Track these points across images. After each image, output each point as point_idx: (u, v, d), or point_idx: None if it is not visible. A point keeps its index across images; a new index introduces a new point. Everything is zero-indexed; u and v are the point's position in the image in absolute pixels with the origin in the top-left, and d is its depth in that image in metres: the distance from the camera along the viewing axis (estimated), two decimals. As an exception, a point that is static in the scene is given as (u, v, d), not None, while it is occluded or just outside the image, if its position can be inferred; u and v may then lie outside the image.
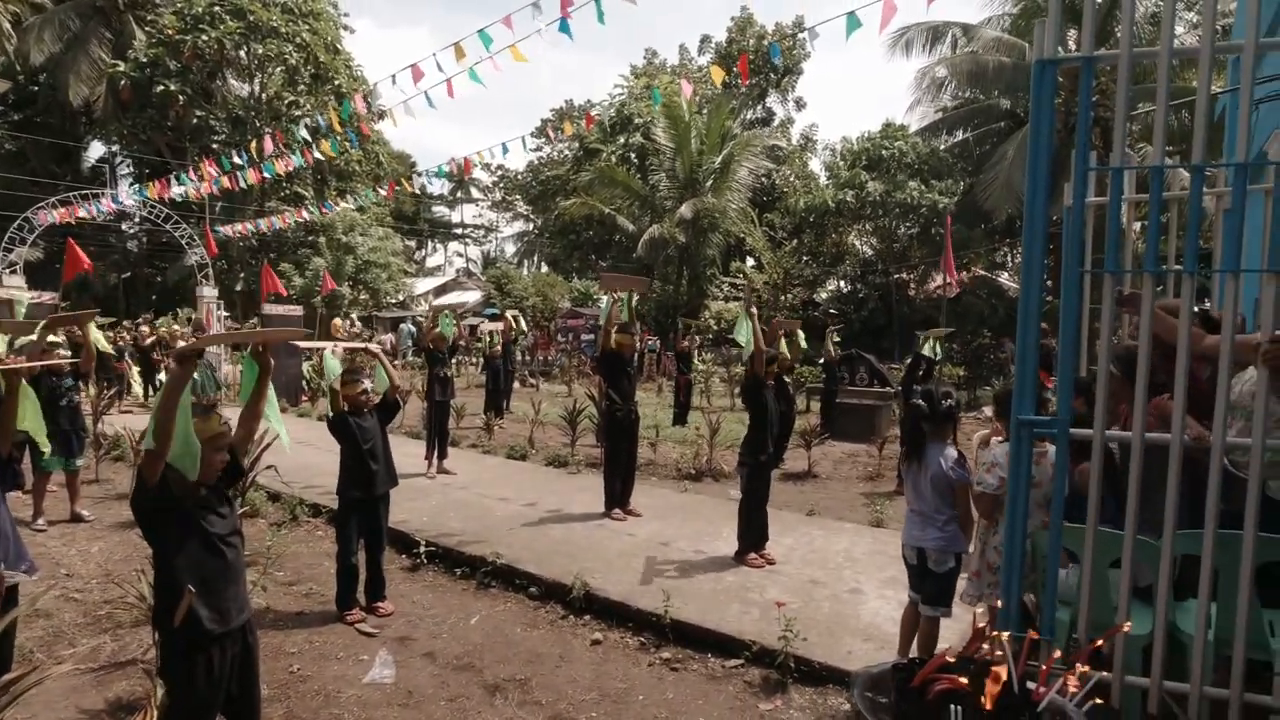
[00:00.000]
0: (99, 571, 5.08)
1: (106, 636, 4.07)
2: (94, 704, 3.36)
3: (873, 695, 1.78)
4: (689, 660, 3.85)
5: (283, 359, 14.10)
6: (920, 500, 3.38)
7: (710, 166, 24.97)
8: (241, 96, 26.87)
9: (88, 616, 4.33)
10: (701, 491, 7.63)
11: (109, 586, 4.75)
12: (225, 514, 2.52)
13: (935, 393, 3.36)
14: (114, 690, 3.48)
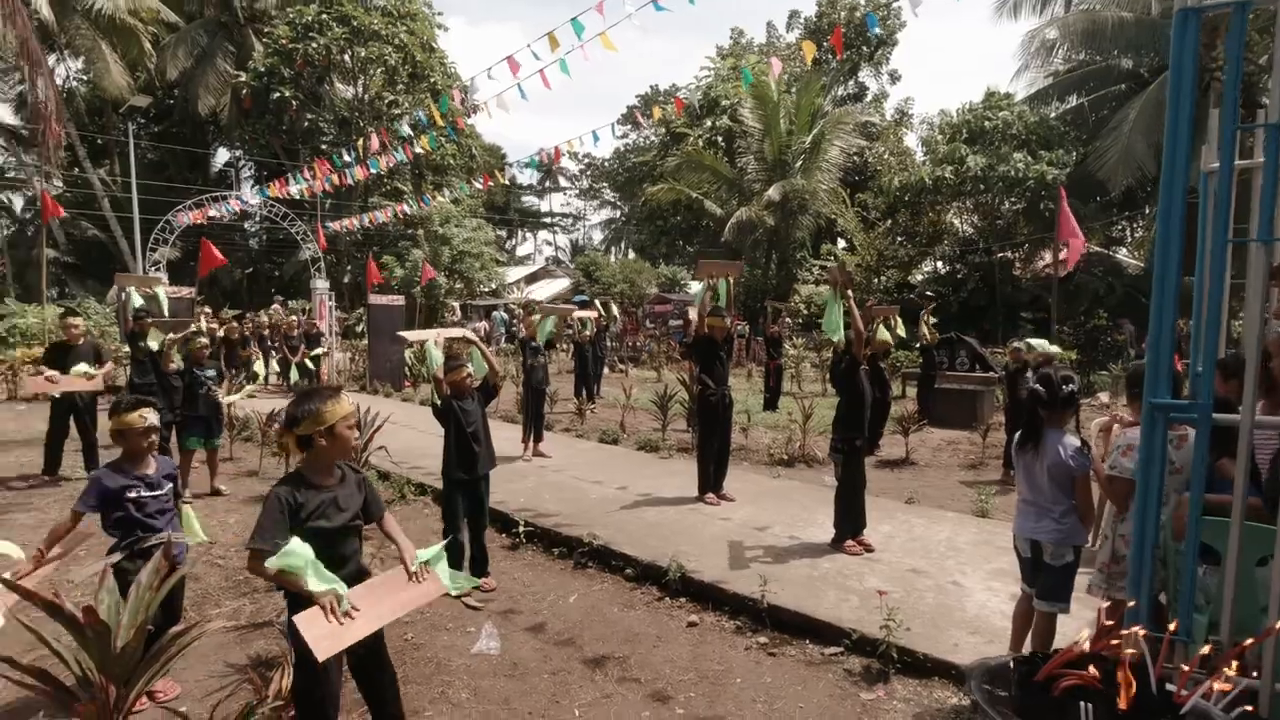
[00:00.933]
0: (236, 540, 5.55)
1: (245, 600, 4.46)
2: (238, 659, 3.69)
3: (991, 688, 1.72)
4: (786, 645, 3.83)
5: (385, 347, 14.90)
6: (1035, 490, 3.20)
7: (800, 147, 24.35)
8: (346, 99, 28.36)
9: (229, 581, 4.75)
10: (794, 477, 7.52)
11: (245, 555, 5.19)
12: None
13: (1055, 377, 3.17)
14: (254, 648, 3.81)
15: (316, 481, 2.55)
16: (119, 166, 27.11)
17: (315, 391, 2.64)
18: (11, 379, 12.67)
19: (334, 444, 2.57)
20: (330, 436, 2.55)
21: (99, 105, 27.12)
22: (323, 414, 2.53)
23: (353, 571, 2.59)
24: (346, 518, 2.57)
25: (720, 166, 26.11)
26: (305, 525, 2.45)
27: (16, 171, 29.36)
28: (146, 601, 1.97)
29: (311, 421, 2.51)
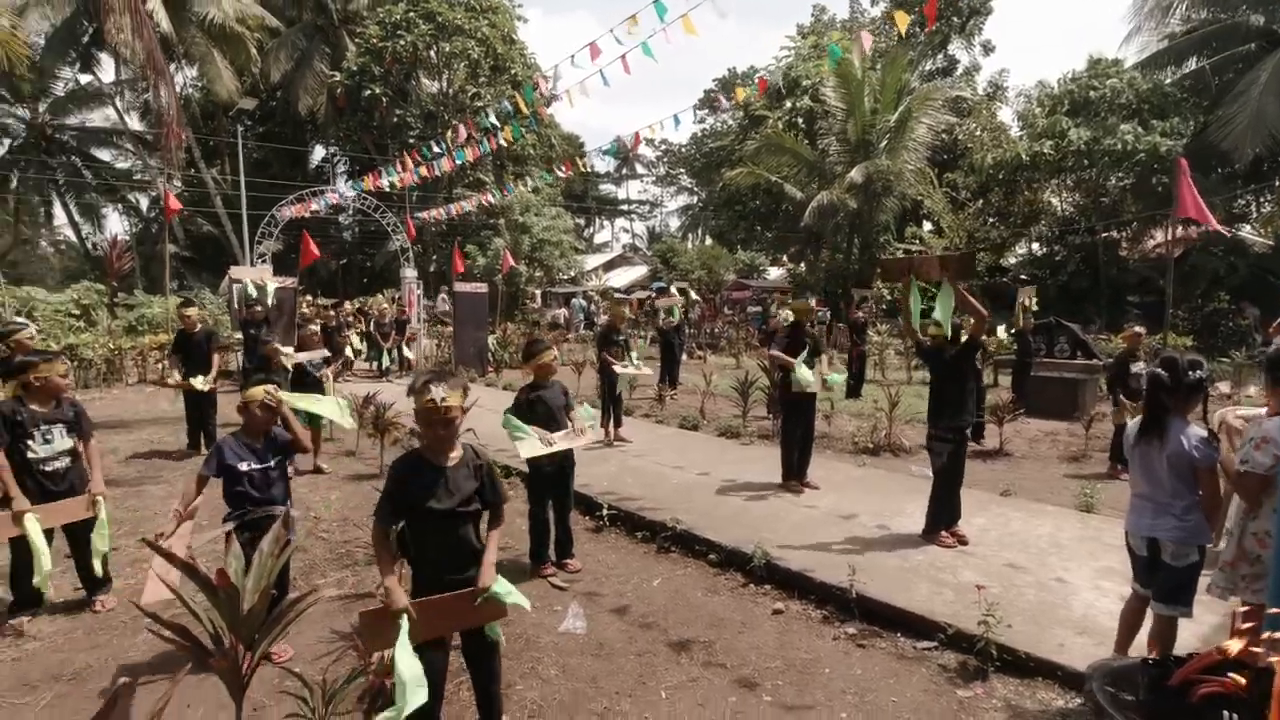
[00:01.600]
0: (338, 515, 5.87)
1: (348, 571, 4.71)
2: (342, 627, 3.91)
3: (1114, 690, 1.61)
4: (875, 638, 3.73)
5: (470, 333, 15.38)
6: (1153, 484, 2.98)
7: (884, 126, 23.40)
8: (431, 93, 29.29)
9: (333, 553, 5.04)
10: (880, 466, 7.31)
11: (346, 529, 5.50)
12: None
13: (1181, 360, 2.93)
14: (356, 617, 4.02)
15: (432, 460, 2.59)
16: (229, 166, 29.03)
17: (449, 370, 2.67)
18: (141, 364, 13.82)
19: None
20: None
21: (211, 110, 29.06)
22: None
23: (463, 558, 2.61)
24: (455, 502, 2.56)
25: (800, 149, 25.43)
26: (416, 506, 2.51)
27: (142, 174, 31.89)
28: (269, 568, 2.11)
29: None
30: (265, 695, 3.15)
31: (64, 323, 14.96)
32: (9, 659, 3.56)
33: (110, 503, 6.02)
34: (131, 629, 3.87)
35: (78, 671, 3.46)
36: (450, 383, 2.54)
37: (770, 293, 30.70)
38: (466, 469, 2.63)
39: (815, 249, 30.39)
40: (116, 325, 15.86)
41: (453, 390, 2.53)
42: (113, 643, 3.73)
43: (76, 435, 4.08)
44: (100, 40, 24.53)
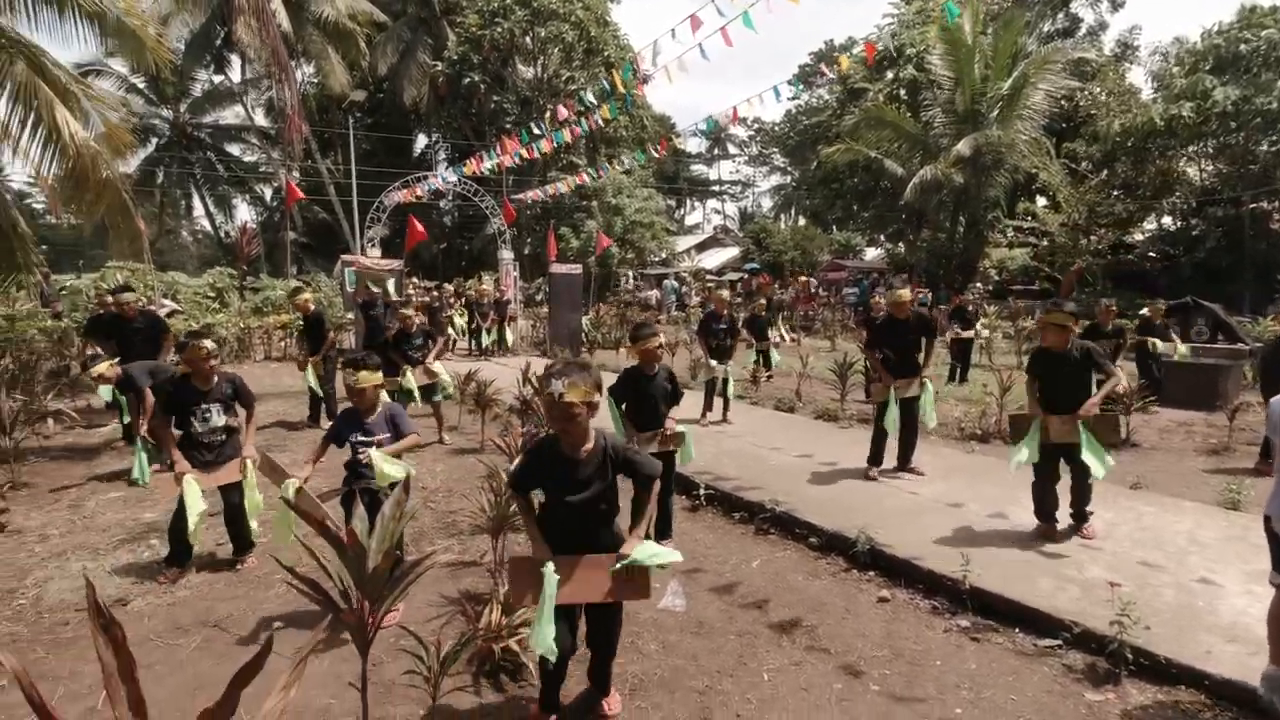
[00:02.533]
0: (444, 487, 6.14)
1: (454, 540, 4.91)
2: (450, 592, 4.08)
3: (1297, 702, 1.44)
4: (991, 632, 3.53)
5: (564, 313, 15.66)
6: None
7: (996, 93, 21.91)
8: (527, 79, 29.87)
9: (440, 522, 5.27)
10: (991, 454, 6.91)
11: (452, 499, 5.74)
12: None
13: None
14: (464, 583, 4.19)
15: (564, 451, 2.60)
16: (341, 156, 30.76)
17: (579, 363, 2.63)
18: (266, 341, 14.92)
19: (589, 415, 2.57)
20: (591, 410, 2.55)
21: (325, 103, 30.81)
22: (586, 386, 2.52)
23: (593, 544, 2.65)
24: (584, 496, 2.58)
25: (903, 121, 24.21)
26: (546, 493, 2.60)
27: (266, 166, 34.33)
28: (391, 530, 2.21)
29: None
30: (382, 653, 3.33)
31: (202, 304, 16.37)
32: (165, 604, 3.94)
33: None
34: (265, 583, 4.20)
35: (221, 619, 3.78)
36: (573, 377, 2.49)
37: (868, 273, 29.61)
38: (598, 462, 2.61)
39: (916, 228, 29.01)
40: (245, 306, 17.19)
41: (574, 385, 2.47)
42: (250, 594, 4.05)
43: (232, 412, 4.47)
44: (230, 42, 26.50)
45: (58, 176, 8.82)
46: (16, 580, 4.23)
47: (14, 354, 10.05)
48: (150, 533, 4.91)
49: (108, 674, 1.13)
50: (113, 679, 1.13)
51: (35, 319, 12.33)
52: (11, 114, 7.84)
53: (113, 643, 1.13)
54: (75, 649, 3.48)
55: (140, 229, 10.27)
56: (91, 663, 3.33)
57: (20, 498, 5.76)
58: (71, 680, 3.19)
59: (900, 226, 30.97)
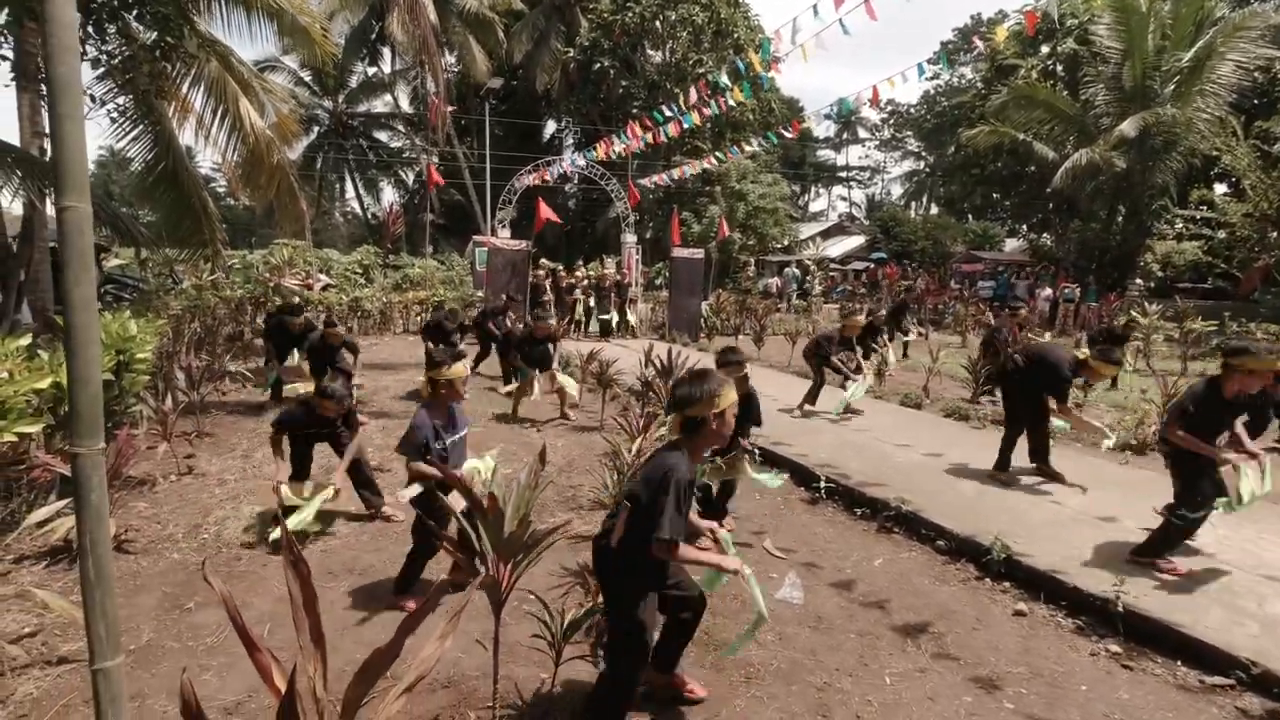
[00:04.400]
0: (564, 462, 6.35)
1: (573, 514, 5.07)
2: (569, 564, 4.21)
3: None
4: (1146, 660, 3.22)
5: (685, 299, 15.68)
6: None
7: (1174, 66, 19.54)
8: (655, 63, 29.95)
9: (560, 496, 5.45)
10: (1147, 467, 6.26)
11: (571, 475, 5.92)
12: None
13: None
14: (583, 556, 4.29)
15: (692, 466, 2.55)
16: (476, 141, 32.22)
17: (707, 373, 2.56)
18: (405, 315, 15.99)
19: (722, 428, 2.50)
20: (720, 421, 2.47)
21: (462, 91, 32.38)
22: (718, 397, 2.44)
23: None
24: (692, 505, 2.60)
25: (1058, 100, 22.13)
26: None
27: (410, 151, 36.68)
28: (526, 499, 2.31)
29: (706, 404, 2.44)
30: (507, 615, 3.49)
31: (351, 279, 17.78)
32: (317, 551, 4.34)
33: (385, 433, 7.01)
34: (405, 539, 4.52)
35: (365, 568, 4.12)
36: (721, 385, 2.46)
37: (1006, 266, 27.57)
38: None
39: (1065, 217, 26.59)
40: (387, 282, 18.49)
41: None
42: (391, 548, 4.38)
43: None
44: (384, 36, 28.38)
45: (238, 162, 9.86)
46: (201, 517, 4.80)
47: (201, 320, 11.36)
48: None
49: (295, 605, 1.26)
50: (299, 610, 1.26)
51: (218, 289, 13.87)
52: (205, 106, 8.82)
53: (299, 578, 1.26)
54: (246, 582, 3.91)
55: (303, 210, 11.29)
56: (261, 595, 3.74)
57: (204, 445, 6.52)
58: (244, 609, 3.60)
59: (1046, 216, 28.48)
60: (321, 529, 4.55)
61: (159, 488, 5.38)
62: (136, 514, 4.85)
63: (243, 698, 2.87)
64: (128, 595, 3.74)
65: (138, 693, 2.86)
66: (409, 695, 1.37)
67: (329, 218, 41.42)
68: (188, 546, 4.36)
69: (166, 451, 5.78)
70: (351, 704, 1.29)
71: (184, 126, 9.24)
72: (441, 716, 2.78)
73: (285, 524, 1.52)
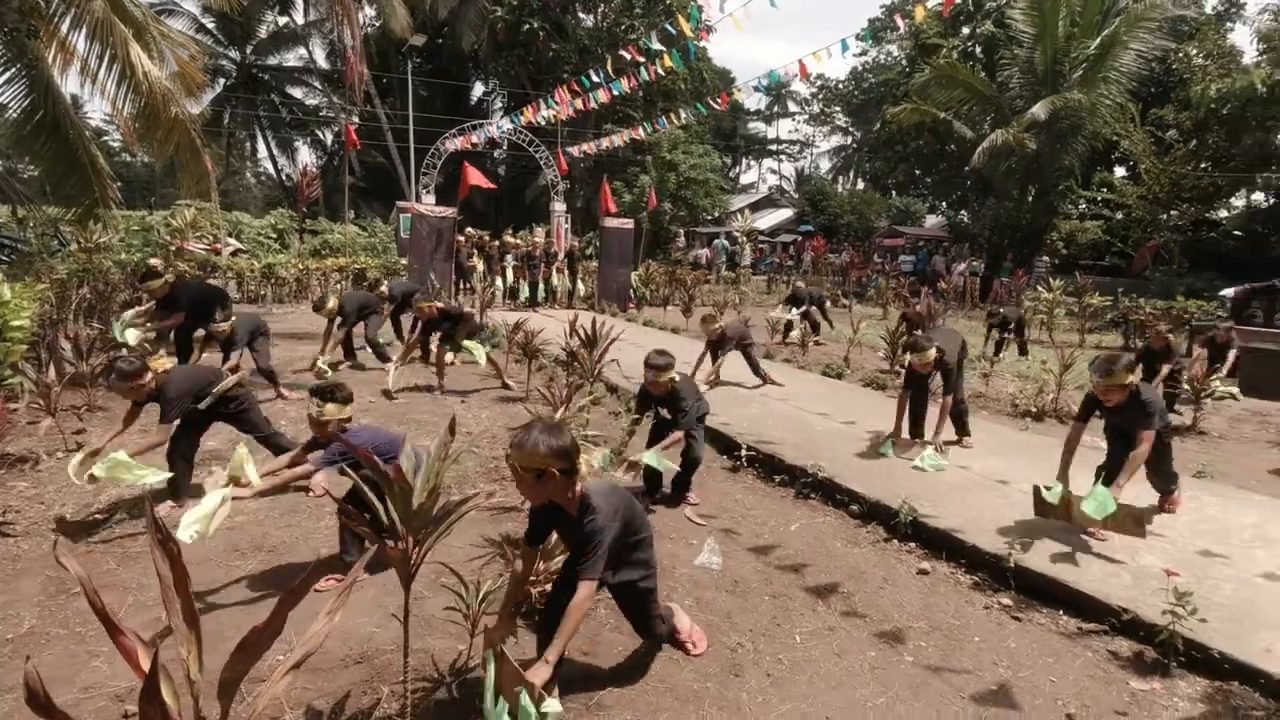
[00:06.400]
0: (488, 434, 6.26)
1: (497, 485, 5.02)
2: (490, 534, 4.18)
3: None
4: (1033, 612, 3.46)
5: (614, 269, 15.61)
6: None
7: (1082, 52, 20.48)
8: (587, 28, 29.30)
9: (483, 468, 5.38)
10: (1044, 433, 6.69)
11: (495, 445, 5.84)
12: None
13: None
14: (504, 527, 4.29)
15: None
16: (399, 102, 30.86)
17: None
18: (324, 283, 15.31)
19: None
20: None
21: (384, 47, 30.83)
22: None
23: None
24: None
25: (976, 81, 22.87)
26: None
27: (327, 110, 34.77)
28: (436, 470, 2.25)
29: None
30: (424, 588, 3.44)
31: (264, 244, 16.85)
32: (224, 529, 4.12)
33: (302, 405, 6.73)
34: (318, 515, 4.37)
35: (275, 545, 3.96)
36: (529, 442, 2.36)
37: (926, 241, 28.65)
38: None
39: (982, 196, 27.77)
40: (304, 248, 17.63)
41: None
42: (303, 524, 4.23)
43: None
44: (294, -19, 26.59)
45: (133, 114, 9.10)
46: (92, 496, 4.50)
47: (91, 285, 10.54)
48: (211, 459, 5.15)
49: (164, 585, 1.18)
50: (169, 591, 1.19)
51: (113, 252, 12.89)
52: (90, 50, 8.06)
53: (169, 557, 1.18)
54: (143, 563, 3.70)
55: (207, 168, 10.56)
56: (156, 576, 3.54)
57: (97, 420, 6.10)
58: (140, 591, 3.40)
59: (964, 193, 29.70)
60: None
61: (43, 465, 5.01)
62: (17, 494, 4.50)
63: (136, 684, 2.72)
64: (7, 580, 3.48)
65: (15, 684, 2.67)
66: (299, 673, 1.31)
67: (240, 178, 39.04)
68: (76, 527, 4.08)
69: (52, 427, 5.38)
70: (228, 685, 1.22)
71: (67, 72, 8.46)
72: (353, 692, 2.72)
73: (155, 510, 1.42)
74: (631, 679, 2.84)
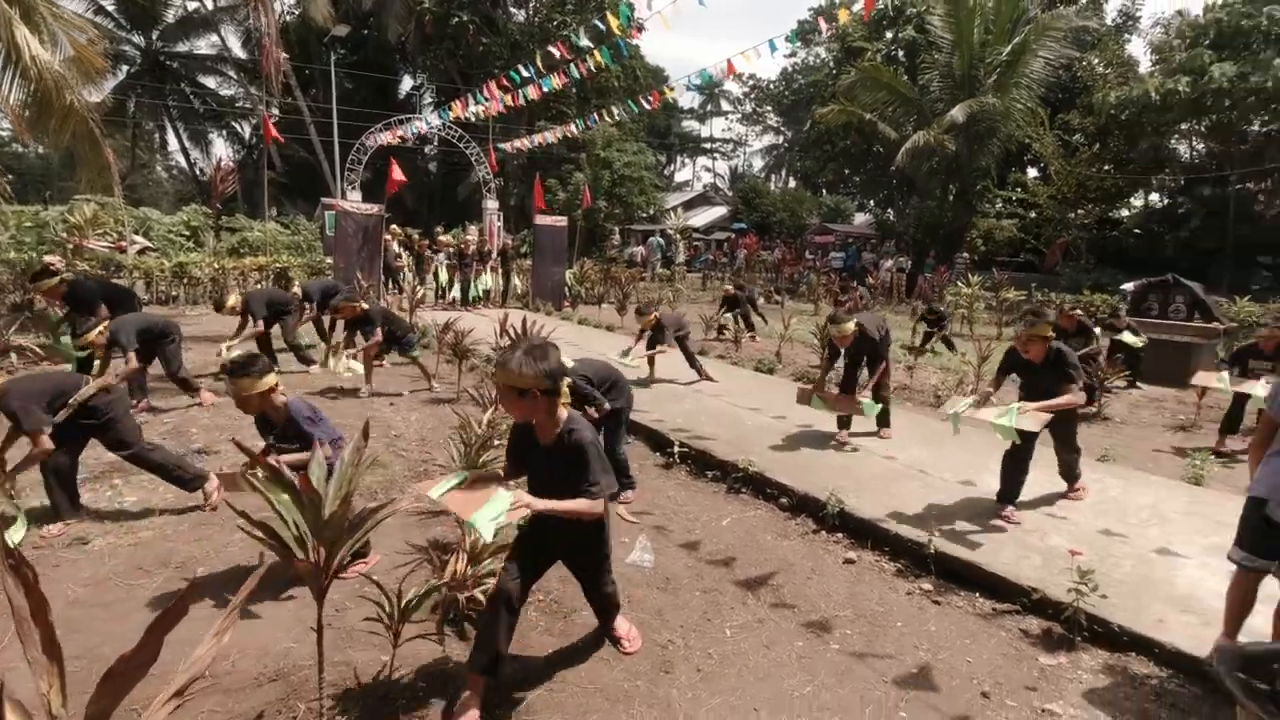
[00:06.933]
0: (417, 436, 6.09)
1: (425, 489, 4.88)
2: (417, 540, 4.06)
3: (1247, 678, 1.45)
4: (952, 595, 3.59)
5: (548, 267, 15.46)
6: None
7: (995, 59, 21.46)
8: (519, 22, 28.89)
9: (411, 471, 5.22)
10: (966, 422, 6.93)
11: (425, 448, 5.69)
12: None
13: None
14: (433, 532, 4.17)
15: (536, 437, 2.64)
16: (322, 94, 29.72)
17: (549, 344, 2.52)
18: (243, 283, 14.60)
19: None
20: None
21: (305, 36, 29.61)
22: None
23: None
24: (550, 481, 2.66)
25: (899, 84, 23.70)
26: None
27: (244, 101, 33.15)
28: (349, 476, 2.15)
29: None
30: (346, 599, 3.31)
31: (176, 242, 15.94)
32: (126, 545, 3.88)
33: (214, 411, 6.43)
34: (229, 527, 4.14)
35: (183, 561, 3.74)
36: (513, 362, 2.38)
37: (855, 239, 29.47)
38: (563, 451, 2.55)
39: (906, 194, 28.81)
40: (221, 247, 16.76)
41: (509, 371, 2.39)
42: (213, 538, 4.00)
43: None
44: (205, -36, 25.22)
45: (20, 101, 8.44)
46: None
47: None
48: (114, 472, 4.82)
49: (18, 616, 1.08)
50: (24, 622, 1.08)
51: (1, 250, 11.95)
52: (-34, 30, 7.44)
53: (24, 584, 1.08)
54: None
55: (109, 160, 9.91)
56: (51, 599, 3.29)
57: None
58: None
59: (890, 192, 30.74)
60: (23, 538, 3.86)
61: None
62: (-115, 515, 4.10)
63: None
64: None
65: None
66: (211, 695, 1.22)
67: (149, 172, 36.83)
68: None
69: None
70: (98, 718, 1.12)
71: (-58, 55, 7.76)
72: (267, 712, 2.58)
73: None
74: (562, 681, 2.80)
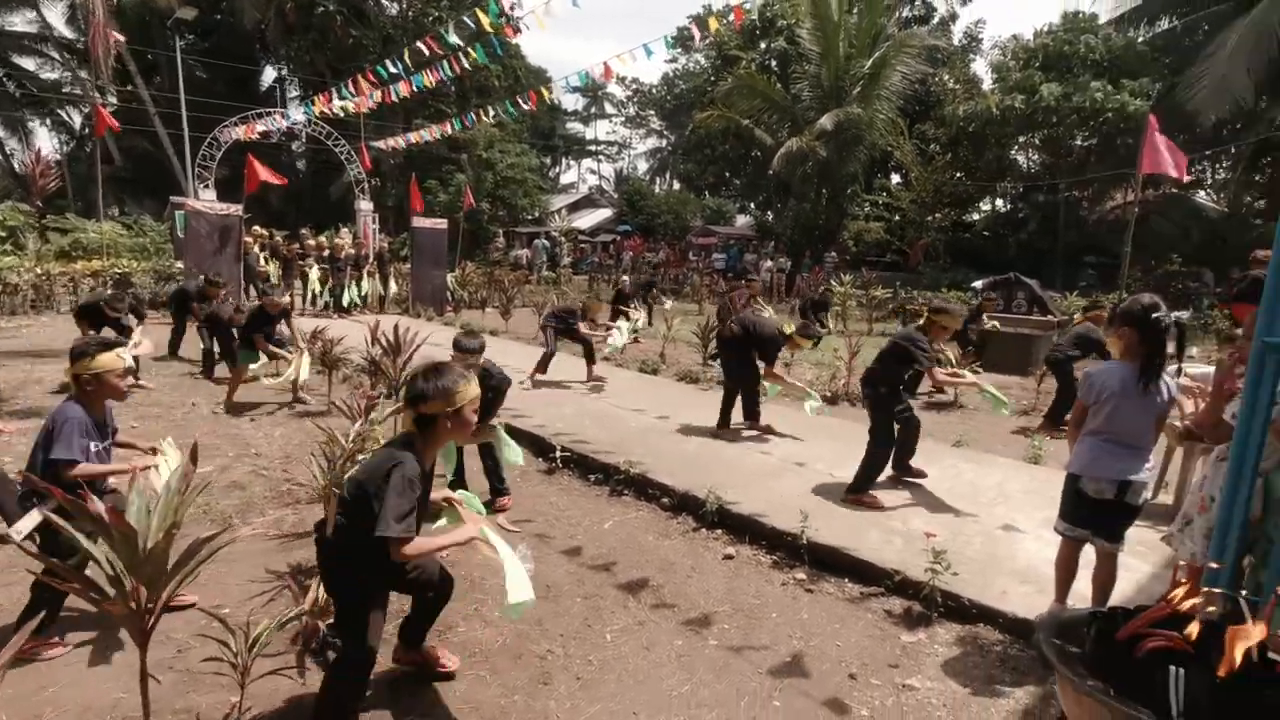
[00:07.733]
0: (280, 454, 5.66)
1: (288, 510, 4.54)
2: (278, 566, 3.76)
3: (1061, 643, 1.57)
4: (824, 582, 3.74)
5: (428, 271, 14.92)
6: (1138, 431, 2.99)
7: (859, 72, 22.87)
8: (391, 15, 27.68)
9: (273, 491, 4.85)
10: (837, 415, 7.33)
11: (289, 466, 5.30)
12: None
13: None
14: (295, 556, 3.88)
15: (425, 465, 2.38)
16: (168, 82, 27.16)
17: (445, 367, 2.39)
18: (74, 290, 13.09)
19: (458, 428, 2.40)
20: (457, 419, 2.37)
21: (145, 17, 26.95)
22: (455, 394, 2.33)
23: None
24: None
25: (773, 92, 24.74)
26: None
27: (72, 86, 29.71)
28: (175, 505, 1.93)
29: (442, 401, 2.31)
30: (190, 638, 3.01)
31: (-13, 245, 14.05)
32: (-88, 596, 3.34)
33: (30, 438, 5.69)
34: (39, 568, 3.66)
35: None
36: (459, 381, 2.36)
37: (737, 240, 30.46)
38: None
39: (783, 197, 30.10)
40: (47, 249, 14.95)
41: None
42: (26, 580, 3.51)
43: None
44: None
45: None
46: None
47: None
48: None
49: None
50: None
51: None
52: None
53: None
54: None
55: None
56: None
57: None
58: None
59: (769, 195, 32.00)
60: None
61: None
62: None
63: None
64: None
65: None
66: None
67: (-45, 164, 32.27)
68: None
69: None
70: None
71: None
72: (88, 775, 2.28)
73: None
74: (435, 703, 2.67)
